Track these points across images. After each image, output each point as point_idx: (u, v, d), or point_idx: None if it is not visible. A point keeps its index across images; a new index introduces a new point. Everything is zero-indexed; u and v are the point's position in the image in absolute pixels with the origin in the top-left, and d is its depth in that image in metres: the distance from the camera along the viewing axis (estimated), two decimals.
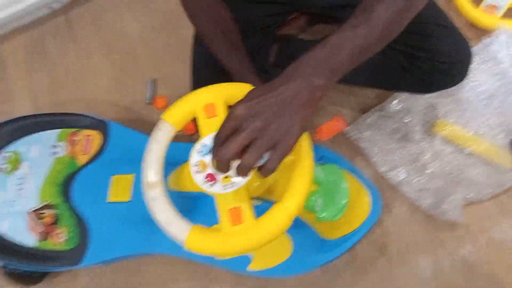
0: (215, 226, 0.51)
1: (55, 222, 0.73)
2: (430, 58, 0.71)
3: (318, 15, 1.00)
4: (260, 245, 0.49)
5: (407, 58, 0.73)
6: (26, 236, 0.73)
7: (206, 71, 0.82)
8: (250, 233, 0.49)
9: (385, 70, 0.77)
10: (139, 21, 1.14)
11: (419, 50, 0.72)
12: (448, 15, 0.75)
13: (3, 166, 0.78)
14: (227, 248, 0.49)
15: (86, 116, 0.83)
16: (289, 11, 0.85)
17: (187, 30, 1.09)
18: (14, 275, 0.80)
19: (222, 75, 0.76)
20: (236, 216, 0.50)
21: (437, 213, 0.80)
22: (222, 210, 0.50)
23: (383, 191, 0.85)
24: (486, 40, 0.93)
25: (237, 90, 0.57)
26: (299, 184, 0.51)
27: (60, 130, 0.81)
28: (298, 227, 0.71)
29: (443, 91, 0.90)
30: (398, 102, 0.91)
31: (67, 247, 0.72)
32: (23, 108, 1.08)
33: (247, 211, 0.50)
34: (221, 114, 0.56)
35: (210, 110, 0.56)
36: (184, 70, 1.05)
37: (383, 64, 0.76)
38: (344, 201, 0.68)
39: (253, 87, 0.49)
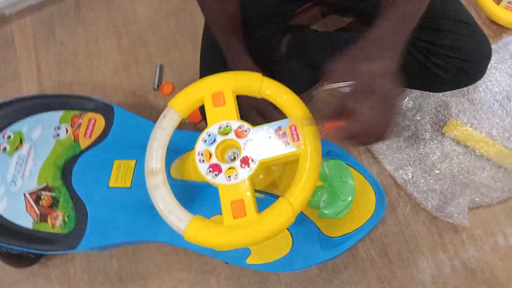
0: (216, 218, 0.50)
1: (53, 204, 0.73)
2: (449, 55, 0.69)
3: (332, 6, 0.98)
4: (261, 240, 0.48)
5: (425, 54, 0.71)
6: (23, 217, 0.73)
7: (215, 61, 0.80)
8: (251, 227, 0.48)
9: (401, 66, 0.75)
10: (150, 5, 1.12)
11: (438, 46, 0.70)
12: (469, 11, 0.72)
13: (5, 146, 0.78)
14: (227, 241, 0.48)
15: (91, 99, 0.82)
16: (302, 0, 0.83)
17: (198, 18, 1.09)
18: (8, 256, 0.80)
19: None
20: (238, 209, 0.49)
21: (442, 215, 0.79)
22: (225, 201, 0.49)
23: (388, 189, 0.84)
24: (506, 39, 0.90)
25: (246, 79, 0.56)
26: (305, 180, 0.49)
27: (63, 111, 0.80)
28: (299, 222, 0.70)
29: (457, 89, 0.88)
30: (409, 99, 0.89)
31: (63, 231, 0.71)
32: (29, 88, 1.08)
33: (250, 204, 0.49)
34: (229, 103, 0.54)
35: (218, 98, 0.55)
36: (192, 57, 1.04)
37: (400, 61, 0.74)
38: (349, 199, 0.67)
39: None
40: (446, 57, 0.69)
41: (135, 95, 1.03)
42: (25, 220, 0.73)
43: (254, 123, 0.54)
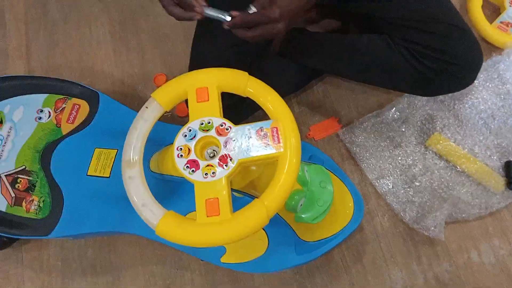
0: (190, 215, 0.49)
1: (30, 189, 0.72)
2: (441, 58, 0.70)
3: (331, 8, 0.98)
4: (233, 240, 0.48)
5: (417, 57, 0.72)
6: None
7: (205, 55, 0.79)
8: (224, 226, 0.48)
9: (393, 68, 0.76)
10: None
11: (430, 50, 0.70)
12: (462, 17, 0.73)
13: None
14: (198, 239, 0.47)
15: (77, 84, 0.81)
16: None
17: None
18: None
19: (221, 62, 0.74)
20: (212, 207, 0.48)
21: (418, 228, 0.79)
22: (199, 199, 0.49)
23: (368, 198, 0.85)
24: (495, 58, 0.91)
25: (232, 77, 0.56)
26: (282, 183, 0.49)
27: (47, 95, 0.79)
28: (276, 225, 0.70)
29: (444, 104, 0.89)
30: (396, 110, 0.90)
31: (38, 216, 0.70)
32: (16, 67, 1.06)
33: (224, 204, 0.49)
34: (213, 100, 0.54)
35: (202, 94, 0.54)
36: (184, 49, 1.03)
37: (392, 62, 0.75)
38: (327, 205, 0.67)
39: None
40: (438, 61, 0.70)
41: (123, 84, 1.02)
42: None
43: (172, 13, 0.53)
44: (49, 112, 0.77)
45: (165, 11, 0.55)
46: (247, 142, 0.51)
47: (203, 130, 0.52)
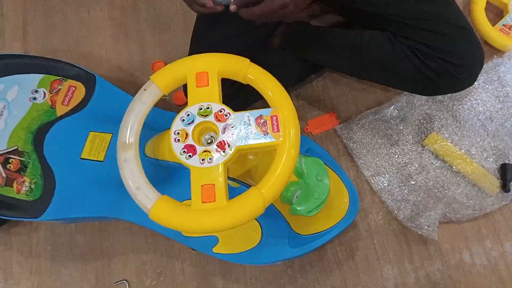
0: (187, 202, 0.49)
1: (21, 170, 0.70)
2: (443, 58, 0.69)
3: (334, 3, 0.97)
4: (227, 227, 0.47)
5: (419, 56, 0.71)
6: None
7: (205, 44, 0.78)
8: (219, 213, 0.47)
9: (395, 66, 0.75)
10: None
11: (434, 49, 0.70)
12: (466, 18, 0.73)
13: None
14: (192, 224, 0.47)
15: (73, 65, 0.79)
16: None
17: None
18: None
19: (220, 47, 0.74)
20: (208, 193, 0.48)
21: (412, 226, 0.79)
22: (195, 184, 0.48)
23: (363, 194, 0.84)
24: (496, 60, 0.91)
25: (233, 63, 0.55)
26: (279, 172, 0.48)
27: (43, 75, 0.77)
28: (270, 216, 0.69)
29: (443, 104, 0.89)
30: (395, 108, 0.89)
31: (28, 198, 0.69)
32: (13, 48, 1.04)
33: (220, 190, 0.48)
34: (213, 85, 0.53)
35: (202, 78, 0.53)
36: (184, 38, 1.02)
37: (393, 60, 0.74)
38: (323, 198, 0.66)
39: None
40: (440, 60, 0.70)
41: (120, 70, 1.00)
42: None
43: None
44: (44, 92, 0.76)
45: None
46: (246, 129, 0.50)
47: (201, 115, 0.52)
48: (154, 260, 0.82)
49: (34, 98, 0.75)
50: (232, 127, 0.51)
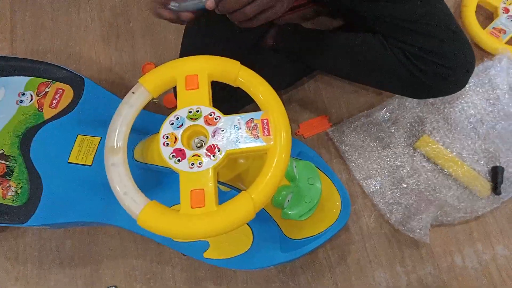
0: (175, 206, 0.48)
1: (7, 174, 0.69)
2: (434, 60, 0.69)
3: (324, 5, 0.97)
4: (217, 232, 0.46)
5: (410, 59, 0.71)
6: None
7: (196, 45, 0.77)
8: (208, 218, 0.46)
9: (386, 69, 0.75)
10: None
11: (425, 52, 0.70)
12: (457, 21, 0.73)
13: None
14: (181, 230, 0.46)
15: (61, 68, 0.78)
16: None
17: None
18: None
19: (211, 50, 0.73)
20: (197, 198, 0.47)
21: (404, 229, 0.79)
22: (184, 189, 0.47)
23: (355, 198, 0.84)
24: (487, 63, 0.92)
25: (223, 65, 0.54)
26: (270, 176, 0.48)
27: (30, 78, 0.76)
28: (262, 220, 0.68)
29: (434, 107, 0.89)
30: (386, 111, 0.89)
31: (15, 203, 0.68)
32: (0, 49, 1.02)
33: (210, 195, 0.47)
34: (203, 88, 0.52)
35: (191, 81, 0.53)
36: (175, 39, 1.01)
37: (385, 63, 0.74)
38: (314, 202, 0.66)
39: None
40: (431, 63, 0.70)
41: (110, 72, 0.99)
42: None
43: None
44: (31, 95, 0.74)
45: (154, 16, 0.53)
46: (236, 133, 0.50)
47: (191, 118, 0.51)
48: (144, 265, 0.81)
49: (21, 101, 0.74)
50: (222, 130, 0.50)
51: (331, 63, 0.83)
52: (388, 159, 0.86)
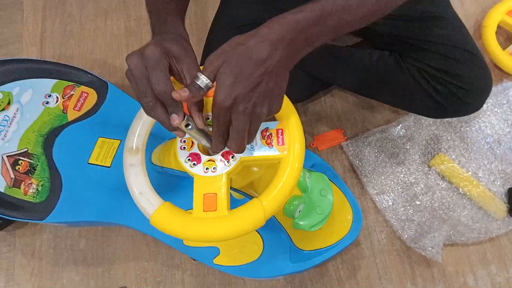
0: (188, 211, 0.49)
1: (30, 172, 0.72)
2: (451, 81, 0.70)
3: None
4: (227, 237, 0.47)
5: (426, 78, 0.72)
6: None
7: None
8: (219, 222, 0.47)
9: (401, 88, 0.76)
10: None
11: (443, 73, 0.70)
12: (475, 43, 0.73)
13: None
14: (192, 232, 0.46)
15: (87, 72, 0.81)
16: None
17: (210, 11, 1.09)
18: None
19: None
20: (210, 202, 0.48)
21: (416, 247, 0.78)
22: (197, 193, 0.48)
23: (367, 212, 0.84)
24: (506, 84, 0.91)
25: None
26: (282, 185, 0.48)
27: (57, 80, 0.79)
28: (272, 230, 0.69)
29: (451, 125, 0.89)
30: (402, 127, 0.89)
31: (35, 200, 0.70)
32: (30, 53, 1.07)
33: (222, 200, 0.48)
34: None
35: (212, 89, 0.54)
36: (198, 49, 1.03)
37: (400, 82, 0.75)
38: (326, 213, 0.66)
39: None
40: (447, 84, 0.70)
41: None
42: None
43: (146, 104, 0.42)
44: (57, 97, 0.77)
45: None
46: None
47: (208, 124, 0.52)
48: (155, 268, 0.82)
49: (47, 102, 0.77)
50: None
51: (346, 79, 0.84)
52: (402, 175, 0.86)
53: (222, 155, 0.50)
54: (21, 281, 0.83)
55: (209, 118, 0.53)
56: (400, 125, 0.90)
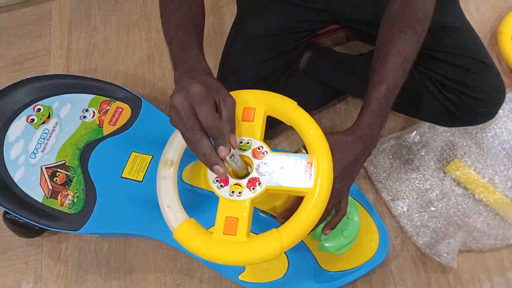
0: (210, 229, 0.50)
1: (66, 183, 0.75)
2: (463, 91, 0.70)
3: (357, 30, 0.99)
4: (242, 263, 0.48)
5: (438, 87, 0.72)
6: (35, 190, 0.75)
7: (235, 67, 0.81)
8: (236, 247, 0.47)
9: (413, 96, 0.76)
10: None
11: (453, 82, 0.71)
12: (488, 52, 0.73)
13: (34, 118, 0.80)
14: (209, 252, 0.47)
15: (122, 88, 0.84)
16: (325, 20, 0.84)
17: (227, 22, 1.11)
18: (15, 223, 0.81)
19: (252, 74, 0.77)
20: (230, 226, 0.48)
21: (431, 253, 0.79)
22: (220, 215, 0.49)
23: (382, 218, 0.83)
24: None
25: (281, 103, 0.55)
26: (303, 220, 0.48)
27: (94, 96, 0.82)
28: (297, 249, 0.69)
29: (466, 131, 0.89)
30: (417, 133, 0.90)
31: (70, 211, 0.73)
32: (56, 65, 1.12)
33: (243, 225, 0.48)
34: (258, 121, 0.53)
35: (248, 114, 0.54)
36: (213, 62, 1.04)
37: (412, 90, 0.75)
38: (352, 236, 0.65)
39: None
40: (460, 93, 0.70)
41: (153, 88, 1.06)
42: (36, 193, 0.74)
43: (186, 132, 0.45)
44: (93, 112, 0.80)
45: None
46: (279, 171, 0.50)
47: (240, 148, 0.52)
48: (174, 271, 0.84)
49: (84, 117, 0.80)
50: (266, 165, 0.51)
51: (360, 88, 0.85)
52: (417, 181, 0.87)
53: (249, 181, 0.51)
54: (48, 282, 0.86)
55: (242, 142, 0.54)
56: (415, 131, 0.90)
